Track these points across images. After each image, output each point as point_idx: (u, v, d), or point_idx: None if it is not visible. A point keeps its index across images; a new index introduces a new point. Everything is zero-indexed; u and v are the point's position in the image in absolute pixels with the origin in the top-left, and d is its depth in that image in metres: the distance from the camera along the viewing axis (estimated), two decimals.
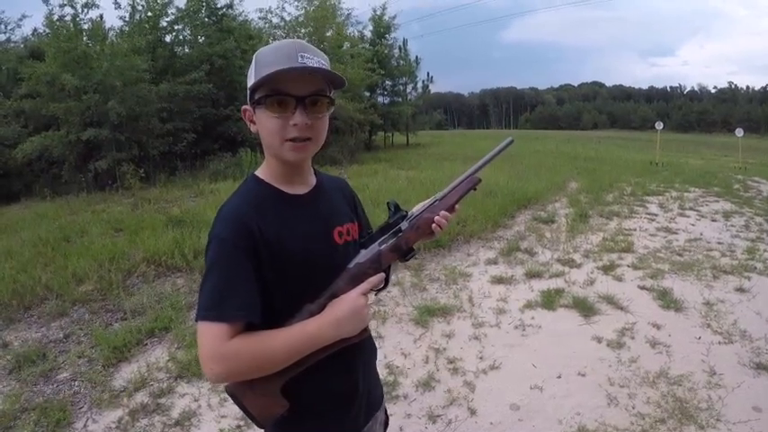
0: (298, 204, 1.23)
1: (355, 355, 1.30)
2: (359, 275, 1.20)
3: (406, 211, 1.31)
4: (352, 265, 1.22)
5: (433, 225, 1.29)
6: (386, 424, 1.55)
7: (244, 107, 1.20)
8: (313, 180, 1.30)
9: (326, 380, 1.23)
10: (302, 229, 1.20)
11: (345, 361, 1.26)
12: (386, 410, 1.55)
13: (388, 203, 1.31)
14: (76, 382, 3.46)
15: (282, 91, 1.11)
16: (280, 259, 1.13)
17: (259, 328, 1.08)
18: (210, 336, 1.04)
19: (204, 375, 1.11)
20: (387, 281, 1.26)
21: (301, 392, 1.18)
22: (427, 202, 1.34)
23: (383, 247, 1.25)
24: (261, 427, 1.13)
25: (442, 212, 1.30)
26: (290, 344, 1.08)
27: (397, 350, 3.85)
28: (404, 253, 1.27)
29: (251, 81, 1.14)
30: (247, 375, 1.07)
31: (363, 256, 1.24)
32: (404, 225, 1.28)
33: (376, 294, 1.25)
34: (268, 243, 1.12)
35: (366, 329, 1.22)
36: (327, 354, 1.14)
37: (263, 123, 1.16)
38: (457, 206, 1.33)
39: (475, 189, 1.35)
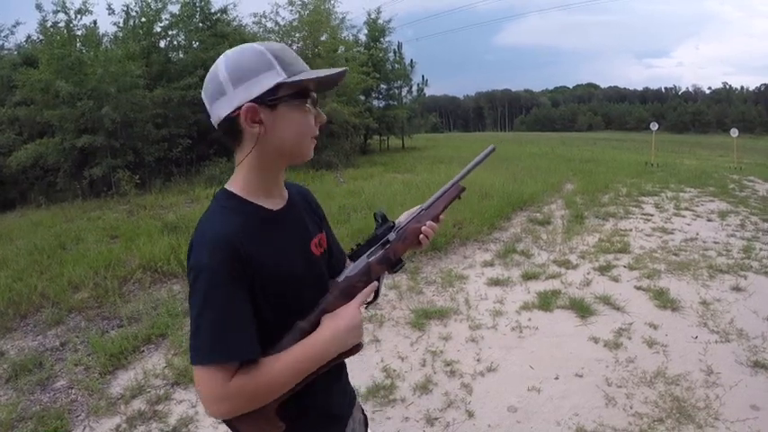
0: (280, 221, 1.18)
1: (341, 367, 1.32)
2: (348, 288, 1.20)
3: (393, 222, 1.31)
4: (341, 278, 1.22)
5: (420, 236, 1.29)
6: (366, 423, 1.53)
7: (247, 105, 1.05)
8: (285, 192, 1.25)
9: (318, 396, 1.22)
10: (287, 247, 1.17)
11: (334, 375, 1.26)
12: (362, 409, 1.52)
13: (375, 214, 1.31)
14: (73, 390, 3.45)
15: (312, 89, 1.13)
16: (270, 280, 1.09)
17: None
18: (212, 379, 0.99)
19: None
20: (377, 293, 1.25)
21: (295, 412, 1.15)
22: (413, 210, 1.34)
23: (371, 259, 1.25)
24: None
25: (429, 223, 1.30)
26: (293, 368, 1.06)
27: (394, 353, 3.84)
28: (392, 264, 1.26)
29: (275, 77, 1.07)
30: (251, 408, 1.03)
31: (353, 268, 1.23)
32: (391, 236, 1.28)
33: (366, 308, 1.24)
34: (259, 266, 1.06)
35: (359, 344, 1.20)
36: (319, 372, 1.12)
37: (292, 121, 1.11)
38: (442, 216, 1.34)
39: (459, 197, 1.35)
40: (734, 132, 19.85)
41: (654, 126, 20.08)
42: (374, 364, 3.68)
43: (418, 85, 30.91)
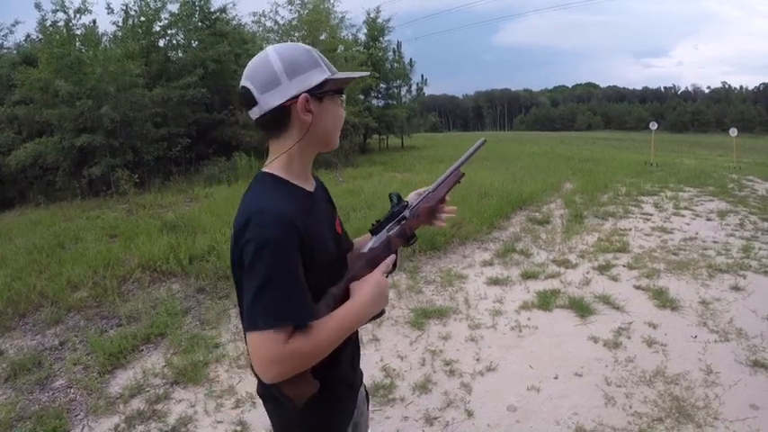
0: (316, 201, 1.33)
1: (358, 344, 1.51)
2: (373, 259, 1.34)
3: (407, 201, 1.45)
4: (365, 250, 1.36)
5: (444, 216, 1.48)
6: (367, 399, 1.69)
7: (304, 95, 1.19)
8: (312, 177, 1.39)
9: (342, 366, 1.37)
10: (323, 224, 1.32)
11: (354, 350, 1.47)
12: (365, 386, 1.67)
13: (390, 195, 1.45)
14: (72, 390, 3.45)
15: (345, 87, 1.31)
16: (318, 252, 1.20)
17: None
18: (273, 342, 1.07)
19: (261, 376, 1.13)
20: (395, 264, 1.38)
21: (322, 379, 1.24)
22: (421, 191, 1.51)
23: (391, 233, 1.39)
24: (295, 408, 1.20)
25: (448, 208, 1.51)
26: (338, 330, 1.18)
27: (394, 353, 3.84)
28: (408, 238, 1.41)
29: (323, 73, 1.22)
30: (301, 369, 1.13)
31: (375, 241, 1.38)
32: (407, 213, 1.42)
33: (387, 276, 1.35)
34: (310, 240, 1.17)
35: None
36: (346, 343, 1.27)
37: (333, 113, 1.28)
38: (447, 197, 1.50)
39: (459, 182, 1.52)
40: (733, 132, 19.83)
41: (653, 125, 20.07)
42: (373, 363, 3.67)
43: (417, 84, 30.94)
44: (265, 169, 1.27)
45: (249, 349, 1.10)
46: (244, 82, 1.22)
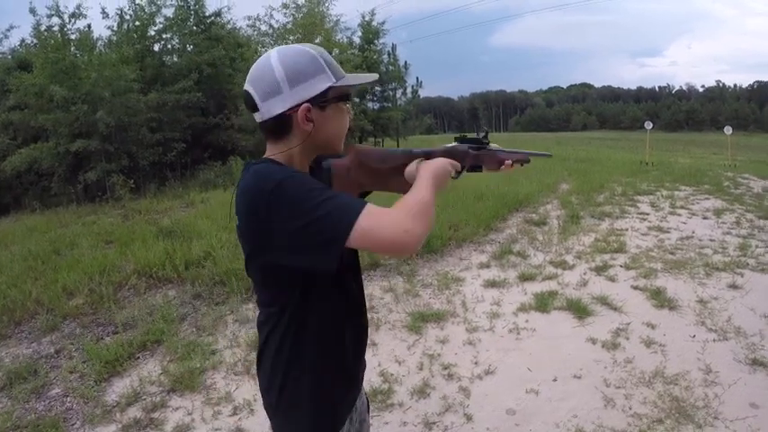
0: None
1: (365, 344, 1.50)
2: (451, 154, 1.37)
3: (488, 142, 1.45)
4: (449, 145, 1.41)
5: (507, 162, 1.44)
6: (368, 408, 1.64)
7: (305, 106, 1.17)
8: None
9: (348, 358, 1.38)
10: None
11: (361, 346, 1.46)
12: (365, 393, 1.64)
13: (478, 127, 1.55)
14: (68, 398, 3.42)
15: (351, 92, 1.30)
16: None
17: None
18: (377, 210, 1.05)
19: (405, 249, 1.08)
20: (460, 173, 1.41)
21: (330, 369, 1.30)
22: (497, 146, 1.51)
23: (470, 151, 1.41)
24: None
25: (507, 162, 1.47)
26: (422, 182, 1.20)
27: (391, 357, 3.82)
28: (474, 166, 1.44)
29: (327, 80, 1.20)
30: (428, 217, 1.11)
31: (458, 146, 1.42)
32: (492, 146, 1.44)
33: (454, 178, 1.38)
34: None
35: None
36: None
37: (336, 121, 1.26)
38: (512, 163, 1.46)
39: (522, 165, 1.50)
40: (728, 130, 19.87)
41: (648, 125, 20.08)
42: (371, 368, 3.65)
43: (412, 86, 31.13)
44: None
45: (373, 236, 1.04)
46: (246, 86, 1.21)
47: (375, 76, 1.36)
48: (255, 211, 1.09)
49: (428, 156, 1.36)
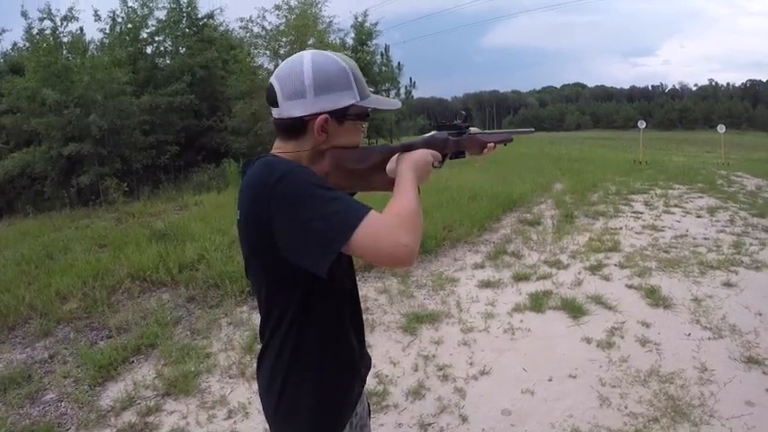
0: None
1: (363, 341, 1.48)
2: (430, 144, 1.38)
3: (467, 126, 1.48)
4: (428, 135, 1.43)
5: (490, 144, 1.47)
6: (369, 413, 1.63)
7: (323, 116, 1.19)
8: None
9: (350, 351, 1.38)
10: None
11: (361, 340, 1.44)
12: (367, 400, 1.62)
13: (461, 112, 1.50)
14: (63, 403, 3.40)
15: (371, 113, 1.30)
16: None
17: None
18: (378, 219, 1.06)
19: (401, 260, 1.07)
20: (443, 161, 1.44)
21: (333, 364, 1.31)
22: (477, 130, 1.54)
23: (451, 138, 1.43)
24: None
25: (490, 145, 1.50)
26: (404, 184, 1.21)
27: (386, 359, 3.82)
28: (456, 152, 1.46)
29: (351, 97, 1.22)
30: (418, 225, 1.11)
31: (437, 134, 1.43)
32: (472, 130, 1.47)
33: (436, 167, 1.41)
34: None
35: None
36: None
37: (350, 137, 1.27)
38: (494, 145, 1.48)
39: (505, 144, 1.54)
40: (721, 128, 19.98)
41: (641, 124, 20.16)
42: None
43: (406, 87, 30.98)
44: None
45: (371, 247, 1.04)
46: (272, 79, 1.22)
47: (398, 104, 1.43)
48: (258, 204, 1.11)
49: (408, 148, 1.35)
